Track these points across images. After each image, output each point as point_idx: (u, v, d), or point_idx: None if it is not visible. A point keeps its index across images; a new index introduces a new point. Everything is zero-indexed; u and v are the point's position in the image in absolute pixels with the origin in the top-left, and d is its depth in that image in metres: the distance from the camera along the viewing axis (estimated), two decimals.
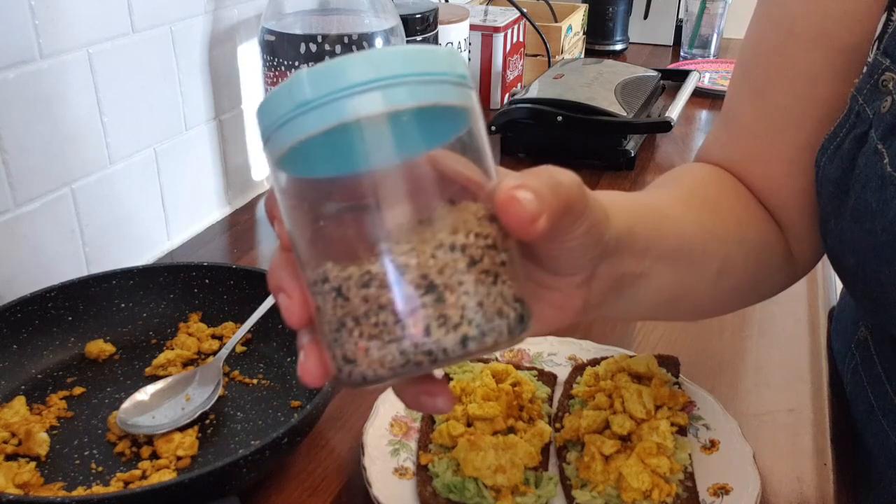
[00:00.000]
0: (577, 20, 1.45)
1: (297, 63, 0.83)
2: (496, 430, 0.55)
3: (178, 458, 0.56)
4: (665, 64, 1.54)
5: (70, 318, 0.66)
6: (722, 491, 0.52)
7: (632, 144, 1.10)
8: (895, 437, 0.59)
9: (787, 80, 0.54)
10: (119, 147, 0.78)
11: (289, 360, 0.66)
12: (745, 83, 0.58)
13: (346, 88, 0.28)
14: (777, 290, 0.59)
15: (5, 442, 0.57)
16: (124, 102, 0.77)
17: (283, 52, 0.84)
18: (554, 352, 0.67)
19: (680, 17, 1.68)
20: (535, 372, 0.63)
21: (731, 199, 0.55)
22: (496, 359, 0.65)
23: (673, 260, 0.47)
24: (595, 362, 0.64)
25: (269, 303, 0.65)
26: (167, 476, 0.53)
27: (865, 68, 0.50)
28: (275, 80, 0.86)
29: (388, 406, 0.59)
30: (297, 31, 0.84)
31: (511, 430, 0.56)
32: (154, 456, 0.56)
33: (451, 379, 0.61)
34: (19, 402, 0.59)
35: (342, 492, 0.55)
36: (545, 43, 1.32)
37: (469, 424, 0.55)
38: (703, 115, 1.33)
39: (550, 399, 0.61)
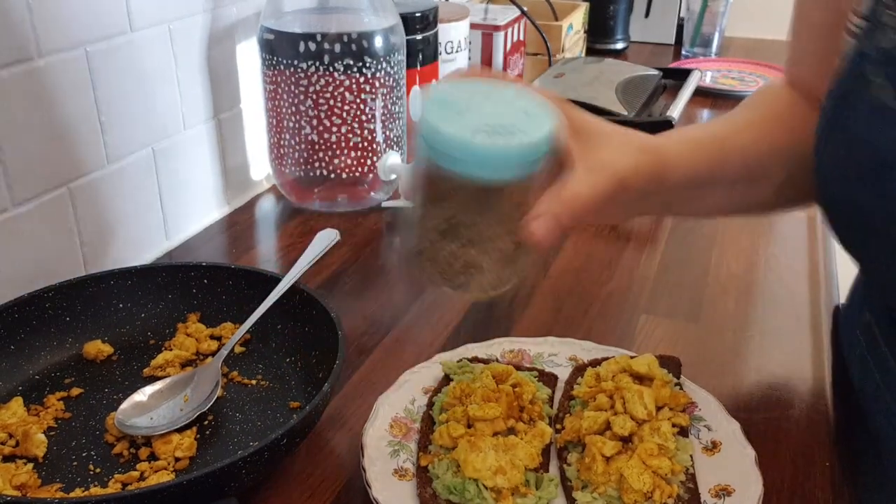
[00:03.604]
0: (577, 19, 1.44)
1: (295, 62, 0.83)
2: (496, 432, 0.54)
3: (177, 460, 0.55)
4: (666, 63, 1.53)
5: (68, 319, 0.66)
6: (724, 492, 0.52)
7: None
8: None
9: None
10: (117, 146, 0.78)
11: (287, 360, 0.65)
12: (795, 12, 0.64)
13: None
14: None
15: (3, 443, 0.56)
16: (122, 101, 0.77)
17: (283, 50, 0.84)
18: (554, 352, 0.66)
19: (681, 15, 1.67)
20: (535, 373, 0.62)
21: (806, 116, 0.58)
22: (496, 359, 0.65)
23: (731, 183, 0.58)
24: (596, 363, 0.64)
25: (268, 303, 0.64)
26: (165, 477, 0.53)
27: (865, 3, 0.50)
28: (274, 78, 0.86)
29: (388, 407, 0.59)
30: (297, 30, 0.84)
31: (511, 431, 0.56)
32: (152, 457, 0.56)
33: (451, 380, 0.60)
34: (17, 403, 0.59)
35: (341, 493, 0.55)
36: (546, 42, 1.32)
37: (469, 425, 0.55)
38: (705, 114, 1.33)
39: (551, 400, 0.61)
